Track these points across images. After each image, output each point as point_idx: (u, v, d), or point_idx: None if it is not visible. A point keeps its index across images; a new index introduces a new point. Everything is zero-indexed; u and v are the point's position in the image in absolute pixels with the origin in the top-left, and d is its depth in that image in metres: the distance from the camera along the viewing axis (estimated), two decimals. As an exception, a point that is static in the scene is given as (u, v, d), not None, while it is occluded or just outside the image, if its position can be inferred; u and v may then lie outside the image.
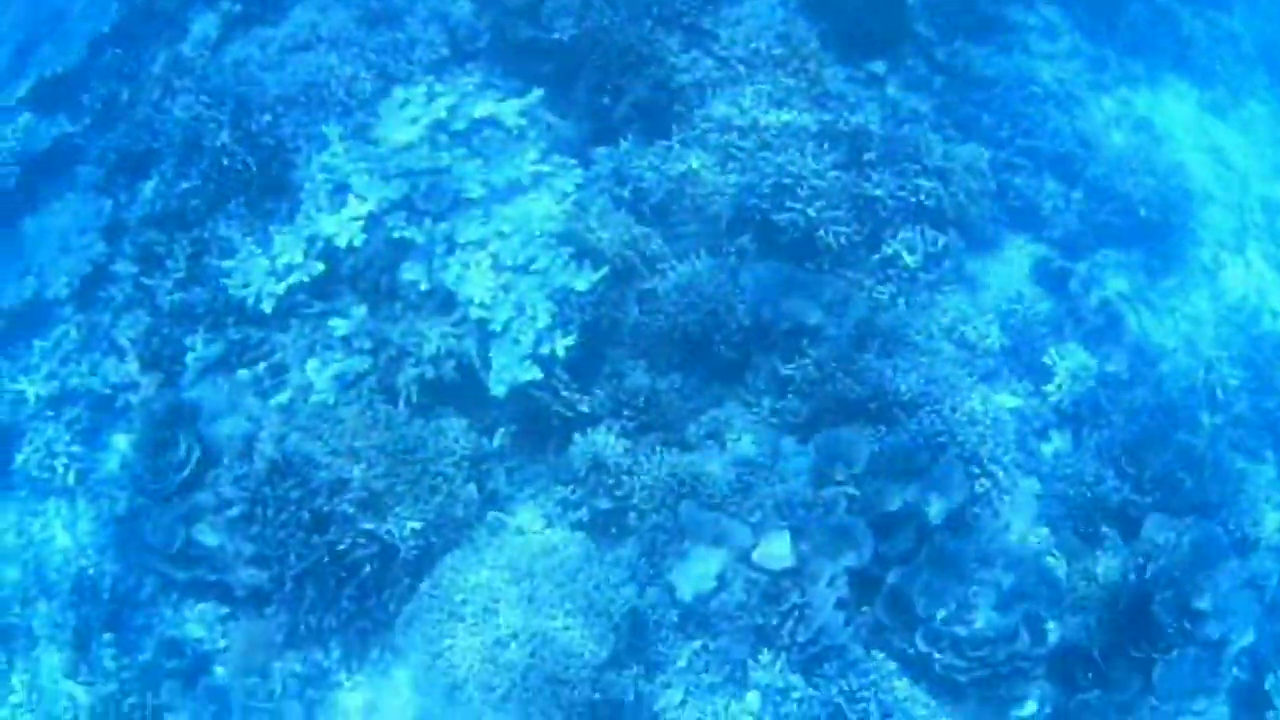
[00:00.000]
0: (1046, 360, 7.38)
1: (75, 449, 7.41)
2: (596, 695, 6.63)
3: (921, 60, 7.84)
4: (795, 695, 6.69)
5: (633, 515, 6.84)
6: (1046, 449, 7.34)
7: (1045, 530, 7.19)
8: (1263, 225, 8.85)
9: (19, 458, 7.55)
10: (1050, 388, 7.35)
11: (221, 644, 7.10)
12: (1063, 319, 7.56)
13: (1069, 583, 7.07)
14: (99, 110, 7.91)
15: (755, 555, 6.79)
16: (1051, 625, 6.85)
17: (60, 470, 7.40)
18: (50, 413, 7.51)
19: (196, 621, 7.11)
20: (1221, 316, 8.21)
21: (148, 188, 7.65)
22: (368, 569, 6.80)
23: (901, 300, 7.27)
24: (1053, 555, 7.10)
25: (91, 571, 7.22)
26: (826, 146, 7.23)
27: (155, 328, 7.38)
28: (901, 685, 6.72)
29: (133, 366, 7.37)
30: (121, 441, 7.44)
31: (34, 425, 7.53)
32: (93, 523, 7.39)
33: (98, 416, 7.49)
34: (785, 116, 7.26)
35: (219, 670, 7.08)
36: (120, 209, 7.72)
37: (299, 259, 7.12)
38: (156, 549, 7.10)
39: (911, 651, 6.78)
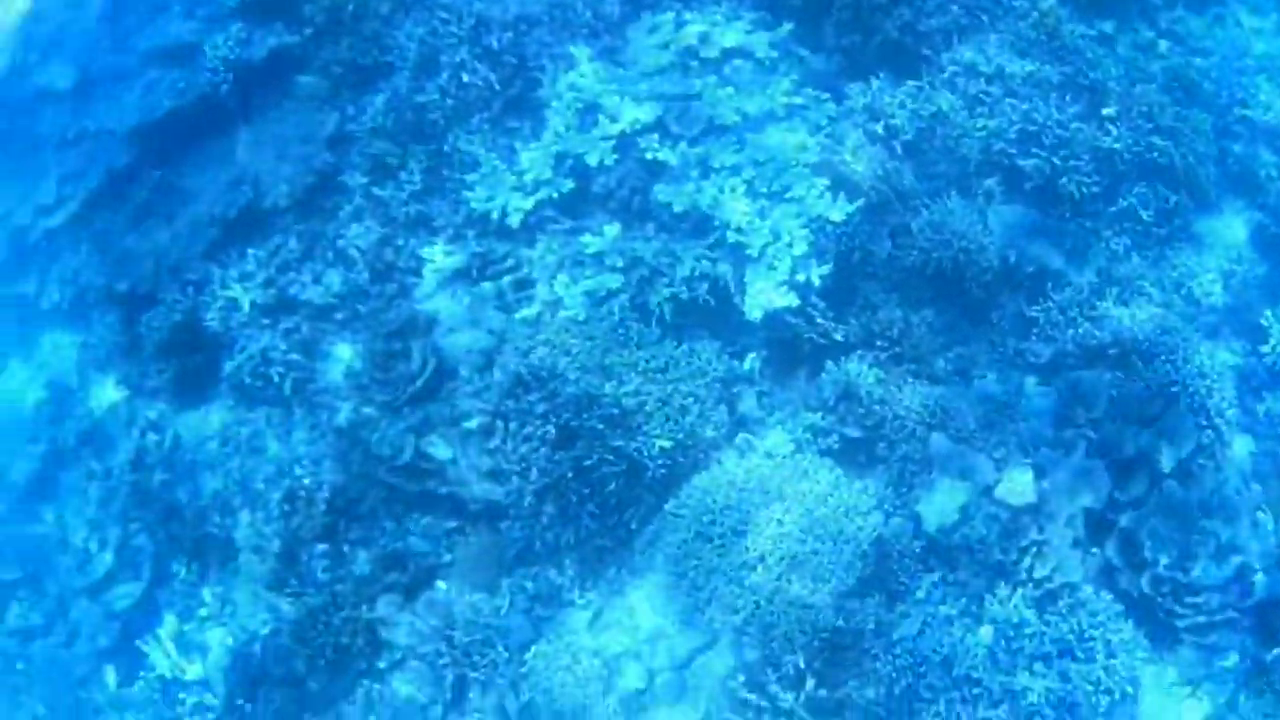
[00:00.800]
0: (1263, 321, 7.29)
1: (293, 357, 6.97)
2: (840, 622, 6.35)
3: (1146, 24, 7.80)
4: (1028, 631, 6.46)
5: (882, 445, 6.57)
6: (1260, 408, 7.24)
7: (1258, 487, 7.07)
8: None
9: (229, 365, 7.09)
10: (1265, 348, 7.25)
11: (447, 558, 6.71)
12: (1278, 283, 7.51)
13: (1277, 539, 6.98)
14: (320, 22, 7.53)
15: (998, 491, 6.58)
16: (1260, 579, 6.73)
17: (276, 379, 6.95)
18: (266, 321, 7.08)
19: (421, 535, 6.69)
20: None
21: (378, 100, 7.27)
22: (612, 486, 6.47)
23: (1135, 253, 7.16)
24: (1262, 511, 6.98)
25: (307, 482, 6.76)
26: (1069, 98, 7.13)
27: (388, 238, 6.98)
28: (1126, 628, 6.53)
29: (362, 276, 6.95)
30: (345, 352, 6.99)
31: (247, 333, 7.08)
32: (309, 432, 6.93)
33: (318, 326, 7.04)
34: (1029, 66, 7.14)
35: (441, 585, 6.68)
36: (346, 121, 7.35)
37: (547, 175, 6.81)
38: (383, 460, 6.68)
39: (1136, 595, 6.64)
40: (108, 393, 7.48)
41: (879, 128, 6.94)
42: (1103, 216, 7.13)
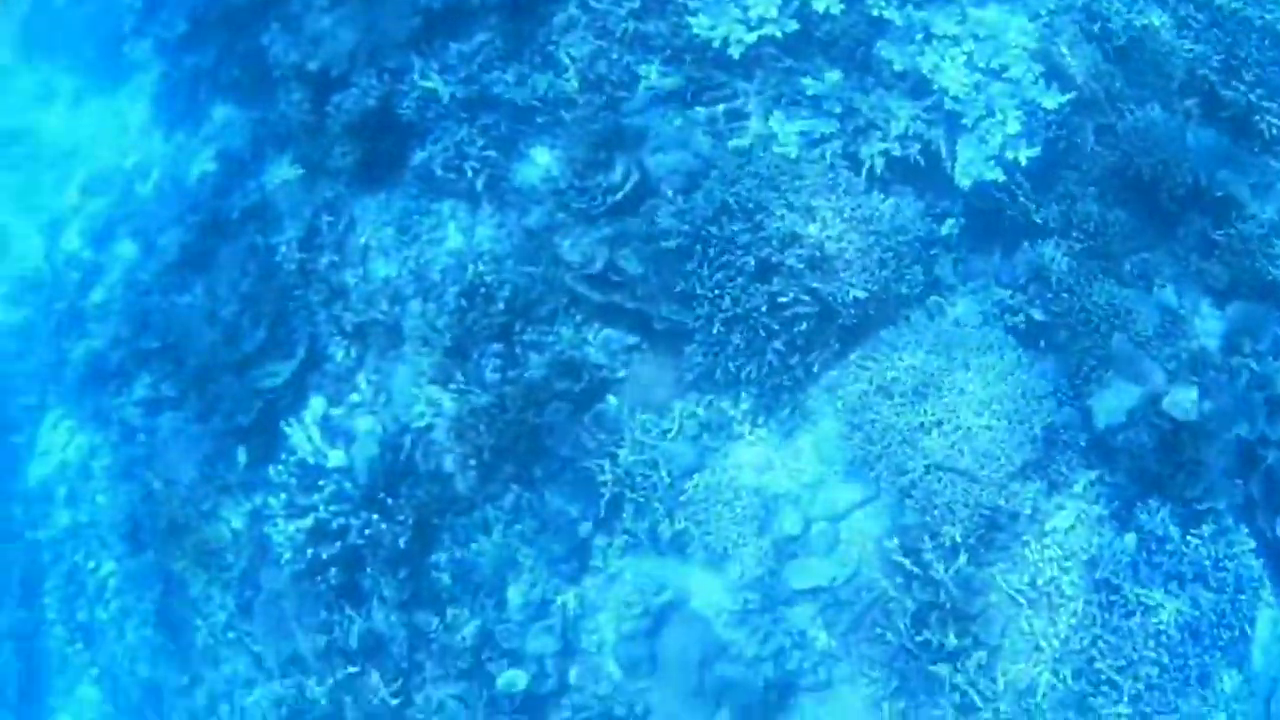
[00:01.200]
0: None
1: (490, 154, 6.57)
2: (1001, 502, 6.11)
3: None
4: (1169, 548, 6.23)
5: (1064, 333, 6.33)
6: None
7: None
8: None
9: (419, 155, 6.68)
10: None
11: (621, 374, 6.36)
12: None
13: None
14: None
15: (1165, 402, 6.37)
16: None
17: (469, 173, 6.55)
18: (464, 115, 6.66)
19: (599, 347, 6.33)
20: None
21: (596, -82, 6.92)
22: (803, 327, 6.17)
23: (1315, 200, 7.03)
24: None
25: (489, 279, 6.38)
26: (1268, 42, 6.99)
27: (603, 51, 6.60)
28: (1257, 566, 6.31)
29: (571, 84, 6.57)
30: (543, 156, 6.60)
31: (443, 125, 6.66)
32: (495, 230, 6.54)
33: (518, 127, 6.64)
34: (1234, 4, 7.00)
35: (612, 400, 6.33)
36: (561, -66, 6.96)
37: (773, 14, 6.49)
38: (572, 267, 6.33)
39: (1269, 535, 6.43)
40: (282, 170, 7.03)
41: (1096, 28, 6.73)
42: (1288, 157, 6.99)
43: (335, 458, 6.53)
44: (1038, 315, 6.35)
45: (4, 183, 9.49)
